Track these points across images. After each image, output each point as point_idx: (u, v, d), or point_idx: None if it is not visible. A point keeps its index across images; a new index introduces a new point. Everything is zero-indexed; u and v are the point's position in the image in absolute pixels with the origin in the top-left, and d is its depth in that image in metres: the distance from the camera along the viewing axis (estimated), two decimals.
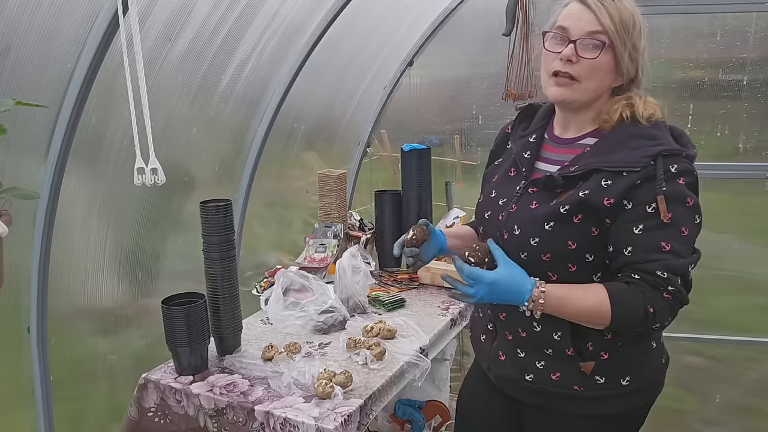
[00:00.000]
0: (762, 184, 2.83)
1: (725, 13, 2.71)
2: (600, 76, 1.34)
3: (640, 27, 1.34)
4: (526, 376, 1.47)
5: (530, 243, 1.38)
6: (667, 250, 1.27)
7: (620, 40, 1.31)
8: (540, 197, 1.40)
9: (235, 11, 2.16)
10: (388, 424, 2.55)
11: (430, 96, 3.37)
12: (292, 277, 2.13)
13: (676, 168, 1.28)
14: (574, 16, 1.33)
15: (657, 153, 1.28)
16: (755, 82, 2.75)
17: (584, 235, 1.34)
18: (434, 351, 2.03)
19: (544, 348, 1.44)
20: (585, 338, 1.39)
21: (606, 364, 1.40)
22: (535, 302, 1.34)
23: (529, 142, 1.49)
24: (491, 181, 1.57)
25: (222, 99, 2.39)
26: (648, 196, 1.27)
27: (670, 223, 1.27)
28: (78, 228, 1.98)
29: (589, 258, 1.36)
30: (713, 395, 3.12)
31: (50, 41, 1.65)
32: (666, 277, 1.27)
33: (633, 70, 1.36)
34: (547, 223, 1.36)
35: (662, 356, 1.50)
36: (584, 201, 1.31)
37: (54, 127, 1.75)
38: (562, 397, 1.44)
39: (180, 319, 1.70)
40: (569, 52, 1.32)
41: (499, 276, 1.36)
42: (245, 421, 1.61)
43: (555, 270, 1.38)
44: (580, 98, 1.36)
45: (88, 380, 2.13)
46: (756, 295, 2.98)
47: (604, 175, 1.31)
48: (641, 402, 1.48)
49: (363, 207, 3.41)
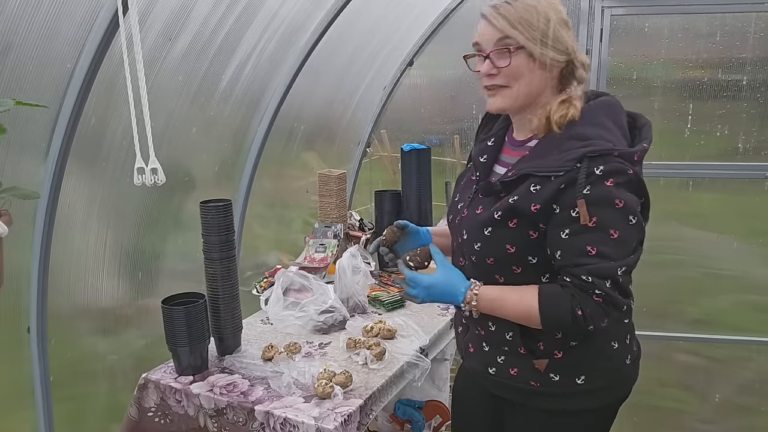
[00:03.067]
0: (761, 183, 2.83)
1: (725, 14, 2.71)
2: (525, 76, 1.35)
3: (548, 15, 1.32)
4: (490, 369, 1.51)
5: (474, 247, 1.42)
6: (593, 254, 1.27)
7: (528, 37, 1.31)
8: (485, 202, 1.42)
9: (234, 11, 2.16)
10: (388, 424, 2.55)
11: (430, 96, 3.37)
12: (292, 277, 2.13)
13: (602, 170, 1.25)
14: (481, 33, 1.36)
15: (582, 155, 1.26)
16: (755, 82, 2.76)
17: (522, 239, 1.35)
18: (434, 351, 2.04)
19: (502, 345, 1.47)
20: (535, 338, 1.42)
21: (560, 363, 1.42)
22: (468, 303, 1.41)
23: (488, 146, 1.50)
24: (459, 184, 1.61)
25: (222, 99, 2.39)
26: (572, 200, 1.27)
27: (595, 227, 1.26)
28: (78, 228, 1.98)
29: (533, 260, 1.38)
30: (712, 395, 3.12)
31: (50, 41, 1.65)
32: (591, 281, 1.28)
33: (559, 59, 1.34)
34: (486, 228, 1.38)
35: (626, 357, 1.48)
36: (514, 207, 1.33)
37: (54, 127, 1.75)
38: (521, 391, 1.47)
39: (180, 319, 1.70)
40: (487, 68, 1.36)
41: (435, 280, 1.45)
42: (245, 421, 1.61)
43: (501, 273, 1.42)
44: (515, 102, 1.38)
45: (88, 380, 2.13)
46: (754, 295, 2.98)
47: (534, 180, 1.31)
48: (605, 400, 1.48)
49: (363, 207, 3.41)
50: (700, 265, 2.97)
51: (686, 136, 2.90)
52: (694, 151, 2.90)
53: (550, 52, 1.33)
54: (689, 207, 2.92)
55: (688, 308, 3.03)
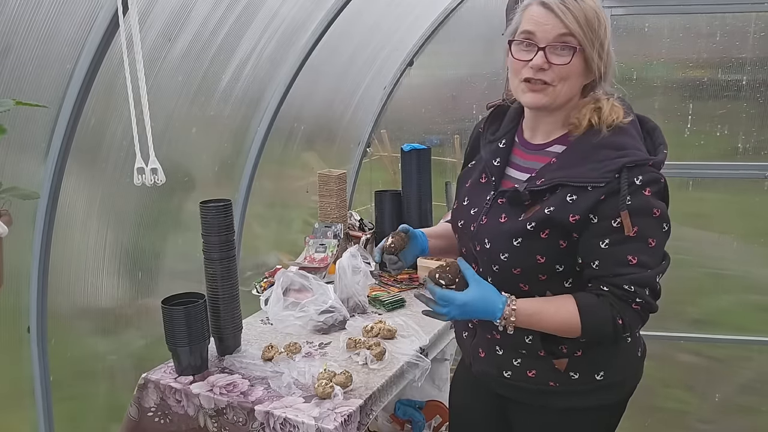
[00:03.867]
0: (761, 183, 2.83)
1: (725, 14, 2.71)
2: (573, 78, 1.32)
3: (605, 24, 1.31)
4: (504, 373, 1.49)
5: (500, 258, 1.38)
6: (634, 263, 1.27)
7: (588, 40, 1.28)
8: (508, 210, 1.39)
9: (234, 11, 2.16)
10: (388, 424, 2.55)
11: (430, 96, 3.37)
12: (292, 277, 2.13)
13: (641, 180, 1.25)
14: (539, 22, 1.28)
15: (621, 166, 1.25)
16: (754, 82, 2.76)
17: (553, 249, 1.34)
18: (434, 351, 2.04)
19: (519, 348, 1.46)
20: (558, 341, 1.41)
21: (579, 361, 1.42)
22: (506, 319, 1.36)
23: (499, 147, 1.47)
24: (464, 186, 1.56)
25: (222, 99, 2.39)
26: (613, 210, 1.25)
27: (636, 237, 1.26)
28: (78, 228, 1.98)
29: (560, 269, 1.36)
30: (712, 394, 3.12)
31: (50, 41, 1.65)
32: (633, 290, 1.27)
33: (603, 68, 1.33)
34: (515, 239, 1.35)
35: (637, 350, 1.50)
36: (550, 218, 1.31)
37: (54, 127, 1.75)
38: (539, 392, 1.46)
39: (180, 319, 1.70)
40: (540, 61, 1.28)
41: (470, 297, 1.37)
42: (245, 421, 1.61)
43: (526, 281, 1.40)
44: (554, 102, 1.34)
45: (88, 380, 2.13)
46: (754, 295, 2.98)
47: (569, 190, 1.29)
48: (618, 395, 1.49)
49: (363, 207, 3.41)
50: (700, 265, 2.97)
51: (686, 136, 2.90)
52: (694, 151, 2.90)
53: (600, 62, 1.30)
54: (689, 207, 2.91)
55: (689, 308, 3.03)
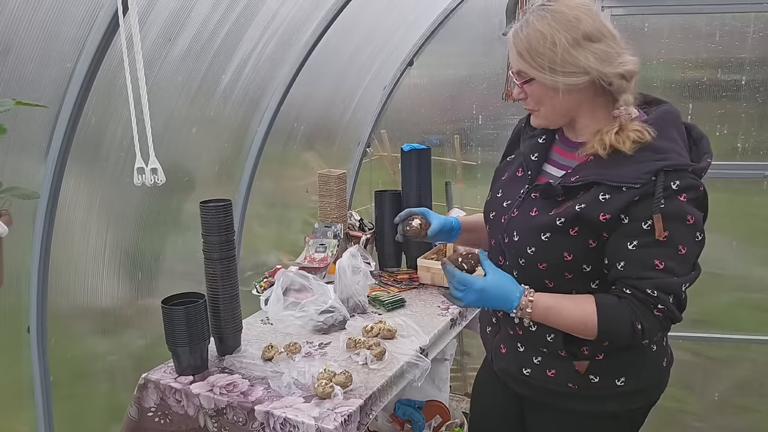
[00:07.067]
0: (760, 183, 2.83)
1: (724, 14, 2.71)
2: (546, 102, 1.35)
3: (555, 39, 1.26)
4: (524, 370, 1.49)
5: (527, 251, 1.38)
6: (661, 268, 1.26)
7: (533, 66, 1.30)
8: (540, 204, 1.39)
9: (234, 11, 2.16)
10: (388, 424, 2.55)
11: (430, 96, 3.37)
12: (292, 277, 2.13)
13: (678, 185, 1.24)
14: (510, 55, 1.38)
15: (659, 169, 1.24)
16: (754, 82, 2.76)
17: (581, 248, 1.33)
18: (434, 351, 2.04)
19: (540, 346, 1.45)
20: (579, 342, 1.40)
21: (600, 364, 1.41)
22: (522, 310, 1.37)
23: (538, 143, 1.47)
24: (500, 179, 1.56)
25: (222, 99, 2.39)
26: (645, 212, 1.25)
27: (666, 242, 1.25)
28: (78, 228, 1.98)
29: (587, 268, 1.36)
30: (711, 393, 3.13)
31: (50, 41, 1.65)
32: (656, 295, 1.27)
33: (575, 81, 1.28)
34: (543, 233, 1.35)
35: (663, 359, 1.49)
36: (580, 214, 1.30)
37: (54, 127, 1.75)
38: (558, 393, 1.45)
39: (180, 319, 1.70)
40: (516, 92, 1.39)
41: (488, 283, 1.39)
42: (245, 421, 1.61)
43: (552, 278, 1.39)
44: (549, 121, 1.40)
45: (87, 380, 2.13)
46: (754, 294, 2.98)
47: (603, 189, 1.28)
48: (639, 403, 1.47)
49: (363, 207, 3.41)
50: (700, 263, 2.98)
51: None
52: None
53: (561, 78, 1.28)
54: None
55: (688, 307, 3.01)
